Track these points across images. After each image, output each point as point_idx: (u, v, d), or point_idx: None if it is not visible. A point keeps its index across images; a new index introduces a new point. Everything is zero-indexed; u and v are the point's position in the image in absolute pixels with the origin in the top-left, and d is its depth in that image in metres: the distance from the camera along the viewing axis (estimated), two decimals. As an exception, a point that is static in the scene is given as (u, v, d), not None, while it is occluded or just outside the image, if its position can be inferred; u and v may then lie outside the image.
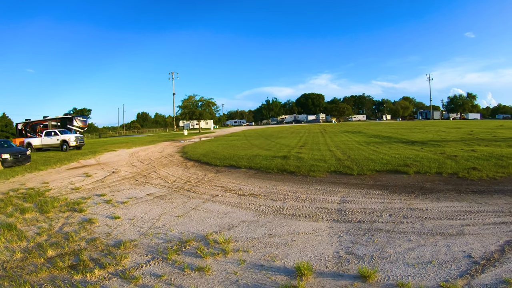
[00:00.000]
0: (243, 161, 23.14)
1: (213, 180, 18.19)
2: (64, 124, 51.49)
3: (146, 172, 21.76)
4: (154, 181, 18.58)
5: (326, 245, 8.67)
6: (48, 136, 43.02)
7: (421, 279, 6.50)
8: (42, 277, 7.75)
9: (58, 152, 39.55)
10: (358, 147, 29.58)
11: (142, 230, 10.61)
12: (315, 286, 6.61)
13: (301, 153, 25.89)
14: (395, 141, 34.38)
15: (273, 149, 31.64)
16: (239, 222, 10.95)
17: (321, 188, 14.73)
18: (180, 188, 16.40)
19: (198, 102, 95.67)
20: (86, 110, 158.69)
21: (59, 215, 12.56)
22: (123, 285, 7.19)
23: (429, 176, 15.43)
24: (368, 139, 39.05)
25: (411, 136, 40.62)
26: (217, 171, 21.03)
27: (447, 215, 10.19)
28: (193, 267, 7.76)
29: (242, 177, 18.52)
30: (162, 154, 32.96)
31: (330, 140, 39.04)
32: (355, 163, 19.44)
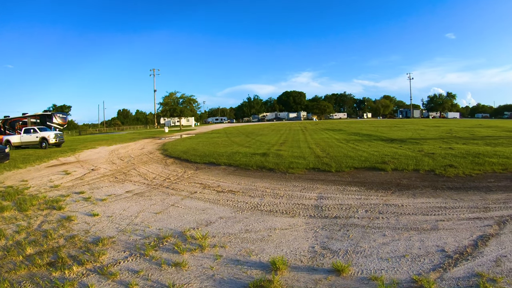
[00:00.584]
0: (223, 158, 23.23)
1: (192, 177, 18.23)
2: (43, 121, 50.82)
3: (126, 170, 21.70)
4: (134, 179, 18.56)
5: (301, 240, 8.82)
6: (27, 133, 42.36)
7: (394, 273, 6.66)
8: (21, 274, 7.77)
9: (37, 150, 39.04)
10: (337, 144, 29.86)
11: (120, 227, 10.65)
12: (290, 280, 6.74)
13: (280, 150, 26.08)
14: (374, 138, 34.76)
15: (253, 146, 31.79)
16: (216, 218, 11.05)
17: (299, 185, 14.89)
18: (159, 185, 16.42)
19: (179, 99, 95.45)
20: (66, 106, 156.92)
21: (37, 213, 12.51)
22: (101, 281, 7.25)
23: (407, 173, 15.69)
24: (348, 136, 39.39)
25: (391, 134, 41.07)
26: (196, 168, 21.05)
27: (422, 211, 10.40)
28: (170, 263, 7.84)
29: (221, 174, 18.60)
30: (142, 152, 32.85)
31: (310, 138, 39.26)
32: (333, 160, 19.65)
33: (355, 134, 42.62)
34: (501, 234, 8.42)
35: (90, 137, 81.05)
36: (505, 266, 6.70)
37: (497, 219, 9.43)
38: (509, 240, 8.05)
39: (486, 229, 8.77)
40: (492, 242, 7.92)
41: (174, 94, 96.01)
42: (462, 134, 36.99)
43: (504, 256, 7.16)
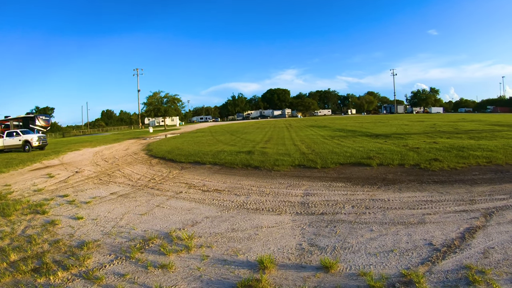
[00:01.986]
0: (208, 157, 23.16)
1: (177, 177, 18.13)
2: (26, 124, 50.37)
3: (110, 171, 21.51)
4: (118, 180, 18.40)
5: (289, 237, 8.80)
6: (9, 136, 41.72)
7: (382, 268, 6.68)
8: (5, 282, 7.64)
9: (20, 153, 38.53)
10: (322, 141, 29.97)
11: (105, 230, 10.53)
12: (278, 278, 6.71)
13: (266, 148, 26.10)
14: (359, 134, 34.95)
15: (238, 144, 31.77)
16: (202, 218, 10.99)
17: (285, 182, 14.88)
18: (144, 186, 16.31)
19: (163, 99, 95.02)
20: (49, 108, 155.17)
21: (21, 218, 12.34)
22: (86, 286, 7.15)
23: (392, 167, 15.78)
24: (333, 133, 39.56)
25: (375, 129, 41.32)
26: (181, 167, 20.96)
27: (408, 205, 10.46)
28: (156, 265, 7.77)
29: (207, 173, 18.53)
30: (126, 152, 32.61)
31: (295, 135, 39.36)
32: (319, 157, 19.69)
33: (339, 130, 42.82)
34: (488, 226, 8.48)
35: (74, 139, 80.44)
36: (493, 257, 6.74)
37: (483, 211, 9.51)
38: (496, 232, 8.11)
39: (472, 222, 8.83)
40: (479, 234, 7.97)
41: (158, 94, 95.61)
42: (446, 128, 37.36)
43: (491, 248, 7.21)
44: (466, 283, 5.87)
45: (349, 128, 47.47)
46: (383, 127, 45.03)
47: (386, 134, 33.63)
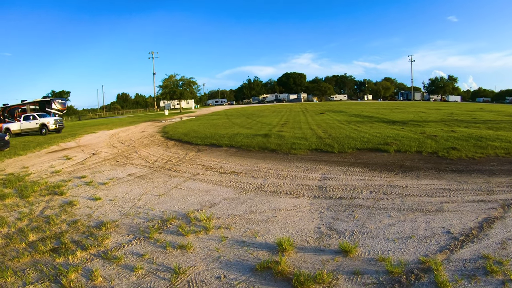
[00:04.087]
0: (224, 140, 23.14)
1: (194, 159, 18.15)
2: (42, 108, 50.55)
3: (127, 153, 21.61)
4: (135, 162, 18.47)
5: (307, 221, 8.75)
6: (26, 120, 42.06)
7: (401, 254, 6.60)
8: (24, 262, 7.69)
9: (37, 136, 38.81)
10: (339, 126, 29.74)
11: (123, 210, 10.58)
12: (297, 261, 6.68)
13: (282, 132, 25.96)
14: (376, 120, 34.61)
15: (254, 127, 31.67)
16: (220, 199, 10.99)
17: (302, 166, 14.79)
18: (161, 168, 16.34)
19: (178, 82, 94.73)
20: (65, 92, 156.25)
21: (39, 199, 12.44)
22: (105, 265, 7.18)
23: (409, 154, 15.58)
24: (349, 118, 39.23)
25: (392, 116, 40.88)
26: (198, 150, 20.98)
27: (426, 192, 10.30)
28: (175, 245, 7.78)
29: (223, 156, 18.52)
30: (142, 135, 32.72)
31: (311, 119, 39.13)
32: (336, 141, 19.54)
33: (356, 116, 42.43)
34: (506, 217, 8.31)
35: (90, 122, 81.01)
36: (511, 249, 6.61)
37: (501, 202, 9.31)
38: (514, 223, 7.96)
39: (490, 212, 8.65)
40: (497, 225, 7.82)
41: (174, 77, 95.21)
42: (463, 117, 36.76)
43: (509, 239, 7.06)
44: (483, 273, 5.77)
45: (365, 113, 47.00)
46: (400, 114, 44.50)
47: (403, 120, 33.22)
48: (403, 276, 5.81)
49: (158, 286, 6.25)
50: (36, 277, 6.99)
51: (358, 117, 39.98)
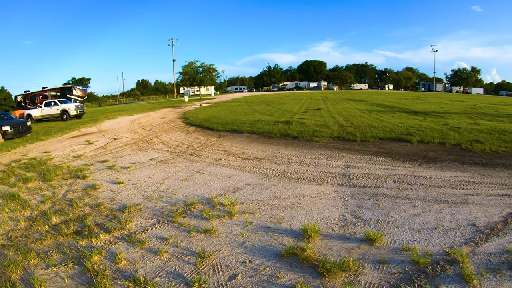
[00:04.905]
0: (246, 126, 23.10)
1: (215, 144, 18.15)
2: (63, 94, 50.98)
3: (148, 138, 21.70)
4: (157, 146, 18.53)
5: (331, 208, 8.67)
6: (48, 106, 42.50)
7: (426, 244, 6.50)
8: (47, 244, 7.76)
9: (58, 122, 39.18)
10: (360, 114, 29.44)
11: (146, 194, 10.60)
12: (322, 248, 6.62)
13: (303, 119, 25.79)
14: (397, 110, 34.19)
15: (275, 114, 31.54)
16: (243, 185, 10.96)
17: (324, 153, 14.68)
18: (183, 153, 16.37)
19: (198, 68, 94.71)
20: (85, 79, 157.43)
21: (62, 183, 12.55)
22: (129, 249, 7.19)
23: (432, 145, 15.33)
24: (370, 107, 38.85)
25: (414, 106, 40.34)
26: (219, 135, 20.97)
27: (450, 184, 10.10)
28: (199, 229, 7.77)
29: (245, 142, 18.50)
30: (163, 120, 32.82)
31: (332, 107, 38.84)
32: (358, 130, 19.34)
33: (377, 105, 41.97)
34: (531, 213, 8.10)
35: (110, 108, 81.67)
36: (536, 245, 6.43)
37: (526, 198, 9.09)
38: (539, 220, 7.74)
39: (515, 207, 8.45)
40: (522, 221, 7.62)
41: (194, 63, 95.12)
42: (486, 110, 36.02)
43: (535, 235, 6.88)
44: (508, 267, 5.64)
45: (386, 103, 46.44)
46: (422, 105, 43.84)
47: (425, 111, 32.69)
48: (429, 267, 5.73)
49: (183, 270, 6.22)
50: (59, 259, 7.03)
51: (380, 107, 39.56)
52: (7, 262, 6.80)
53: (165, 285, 5.77)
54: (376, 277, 5.57)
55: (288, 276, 5.82)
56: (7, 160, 17.79)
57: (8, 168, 15.66)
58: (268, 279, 5.77)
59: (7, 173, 14.47)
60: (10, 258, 7.01)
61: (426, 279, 5.39)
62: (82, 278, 6.27)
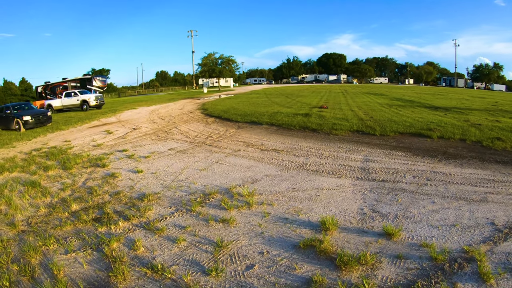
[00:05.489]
0: (265, 118, 23.02)
1: (234, 135, 18.19)
2: (83, 85, 51.34)
3: (167, 128, 21.80)
4: (176, 137, 18.63)
5: (350, 201, 8.64)
6: (68, 97, 42.74)
7: (444, 241, 6.43)
8: (66, 230, 7.89)
9: (78, 112, 39.47)
10: (380, 108, 29.16)
11: (165, 183, 10.69)
12: (340, 241, 6.61)
13: (322, 112, 25.63)
14: (417, 105, 33.73)
15: (294, 107, 31.38)
16: (262, 176, 10.99)
17: (343, 146, 14.60)
18: (201, 143, 16.44)
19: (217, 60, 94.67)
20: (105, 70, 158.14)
21: (82, 171, 12.72)
22: (147, 236, 7.27)
23: (453, 142, 15.11)
24: (390, 101, 38.42)
25: (434, 101, 39.73)
26: (238, 127, 21.00)
27: (470, 182, 9.93)
28: (217, 219, 7.82)
29: (264, 133, 18.48)
30: (182, 111, 32.89)
31: (351, 101, 38.55)
32: (377, 124, 19.17)
33: (397, 100, 41.46)
34: (552, 214, 7.95)
35: (130, 98, 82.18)
36: (557, 247, 6.31)
37: (547, 199, 8.92)
38: (560, 221, 7.60)
39: (536, 207, 8.30)
40: (542, 221, 7.49)
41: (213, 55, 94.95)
42: (508, 107, 35.12)
43: (555, 237, 6.75)
44: None
45: (407, 97, 45.84)
46: (443, 100, 43.17)
47: (446, 107, 32.18)
48: (446, 264, 5.67)
49: (200, 258, 6.27)
50: (78, 245, 7.16)
51: (400, 101, 39.10)
52: (27, 247, 6.94)
53: (182, 273, 5.83)
54: (393, 272, 5.55)
55: (305, 267, 5.83)
56: (28, 148, 18.08)
57: (29, 156, 15.91)
58: (285, 270, 5.79)
59: (28, 161, 14.73)
60: (30, 244, 7.14)
61: (443, 276, 5.36)
62: (100, 264, 6.38)
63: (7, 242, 7.53)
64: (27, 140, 20.81)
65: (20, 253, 7.01)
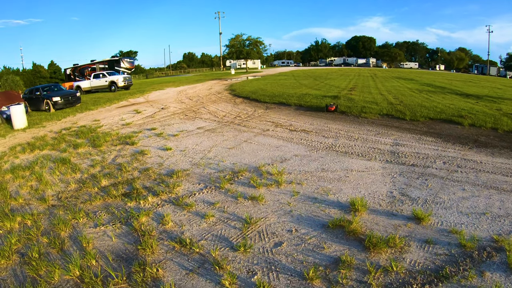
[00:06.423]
0: (293, 99, 22.90)
1: (263, 115, 18.17)
2: (111, 66, 51.80)
3: (195, 108, 21.89)
4: (204, 116, 18.71)
5: (379, 184, 8.55)
6: (96, 78, 43.28)
7: (474, 229, 6.32)
8: (96, 205, 8.05)
9: (107, 93, 39.83)
10: (410, 93, 28.68)
11: (194, 161, 10.77)
12: (369, 222, 6.57)
13: (351, 95, 25.36)
14: (448, 91, 33.07)
15: (323, 89, 31.15)
16: (291, 155, 10.96)
17: (373, 129, 14.44)
18: (230, 123, 16.49)
19: (245, 41, 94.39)
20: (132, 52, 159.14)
21: (111, 148, 12.93)
22: (176, 211, 7.34)
23: (484, 130, 14.77)
24: (420, 87, 37.75)
25: (466, 89, 38.84)
26: (266, 107, 20.97)
27: (501, 171, 9.66)
28: (246, 196, 7.85)
29: (292, 114, 18.41)
30: (210, 92, 32.94)
31: (381, 85, 38.04)
32: (407, 109, 18.87)
33: (427, 85, 40.68)
34: None
35: (157, 79, 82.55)
36: None
37: None
38: None
39: None
40: None
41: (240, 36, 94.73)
42: (543, 99, 34.43)
43: None
44: None
45: (437, 84, 44.95)
46: (474, 88, 42.16)
47: (478, 95, 31.37)
48: (475, 252, 5.57)
49: (229, 234, 6.31)
50: (107, 219, 7.29)
51: (430, 87, 38.37)
52: (57, 220, 7.10)
53: (210, 248, 5.87)
54: (422, 256, 5.49)
55: (333, 247, 5.82)
56: (58, 128, 18.44)
57: (59, 135, 16.24)
58: (314, 248, 5.79)
59: (58, 140, 15.03)
60: (60, 217, 7.29)
61: (471, 264, 5.27)
62: (129, 238, 6.48)
63: (38, 216, 7.73)
64: (56, 120, 21.22)
65: (50, 226, 7.19)
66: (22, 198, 8.88)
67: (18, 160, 12.75)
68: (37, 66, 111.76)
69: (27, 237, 6.78)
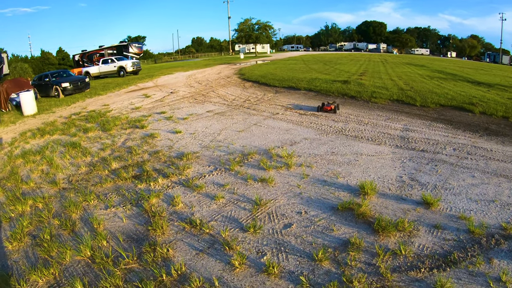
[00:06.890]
0: (303, 83, 22.78)
1: (272, 99, 18.15)
2: (120, 52, 51.77)
3: (205, 92, 21.88)
4: (213, 100, 18.70)
5: (389, 168, 8.55)
6: (105, 63, 43.33)
7: (483, 216, 6.30)
8: (106, 187, 8.14)
9: (116, 78, 39.92)
10: (421, 79, 28.46)
11: (203, 143, 10.82)
12: (378, 206, 6.59)
13: (362, 80, 25.18)
14: (460, 79, 32.74)
15: (333, 74, 30.96)
16: (301, 139, 10.98)
17: (383, 114, 14.38)
18: (239, 106, 16.50)
19: (254, 26, 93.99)
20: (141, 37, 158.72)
21: (121, 132, 13.01)
22: (186, 193, 7.39)
23: (495, 118, 14.64)
24: (431, 73, 37.43)
25: (477, 76, 38.39)
26: (276, 91, 20.91)
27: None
28: (256, 178, 7.89)
29: (302, 98, 18.39)
30: (219, 76, 32.88)
31: (391, 70, 37.78)
32: (418, 94, 18.74)
33: (438, 72, 40.31)
34: None
35: (166, 64, 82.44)
36: None
37: None
38: None
39: None
40: None
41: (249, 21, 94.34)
42: (556, 89, 34.00)
43: None
44: None
45: (448, 70, 44.54)
46: (486, 76, 41.67)
47: (489, 83, 30.98)
48: (483, 238, 5.57)
49: (238, 215, 6.36)
50: (118, 201, 7.38)
51: (441, 73, 38.02)
52: (68, 203, 7.20)
53: (220, 229, 5.93)
54: (430, 241, 5.51)
55: (342, 229, 5.85)
56: (68, 113, 18.52)
57: (69, 120, 16.33)
58: (323, 230, 5.83)
59: (68, 125, 15.12)
60: (71, 200, 7.40)
61: (479, 250, 5.27)
62: (139, 219, 6.55)
63: (49, 199, 7.85)
64: (66, 106, 21.28)
65: (61, 208, 7.29)
66: (33, 182, 8.99)
67: (29, 145, 12.87)
68: (46, 53, 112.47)
69: (39, 220, 6.89)
